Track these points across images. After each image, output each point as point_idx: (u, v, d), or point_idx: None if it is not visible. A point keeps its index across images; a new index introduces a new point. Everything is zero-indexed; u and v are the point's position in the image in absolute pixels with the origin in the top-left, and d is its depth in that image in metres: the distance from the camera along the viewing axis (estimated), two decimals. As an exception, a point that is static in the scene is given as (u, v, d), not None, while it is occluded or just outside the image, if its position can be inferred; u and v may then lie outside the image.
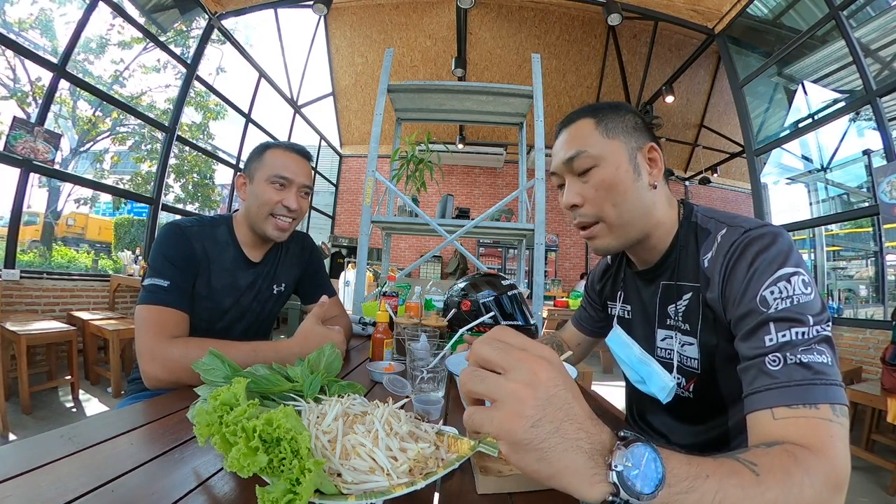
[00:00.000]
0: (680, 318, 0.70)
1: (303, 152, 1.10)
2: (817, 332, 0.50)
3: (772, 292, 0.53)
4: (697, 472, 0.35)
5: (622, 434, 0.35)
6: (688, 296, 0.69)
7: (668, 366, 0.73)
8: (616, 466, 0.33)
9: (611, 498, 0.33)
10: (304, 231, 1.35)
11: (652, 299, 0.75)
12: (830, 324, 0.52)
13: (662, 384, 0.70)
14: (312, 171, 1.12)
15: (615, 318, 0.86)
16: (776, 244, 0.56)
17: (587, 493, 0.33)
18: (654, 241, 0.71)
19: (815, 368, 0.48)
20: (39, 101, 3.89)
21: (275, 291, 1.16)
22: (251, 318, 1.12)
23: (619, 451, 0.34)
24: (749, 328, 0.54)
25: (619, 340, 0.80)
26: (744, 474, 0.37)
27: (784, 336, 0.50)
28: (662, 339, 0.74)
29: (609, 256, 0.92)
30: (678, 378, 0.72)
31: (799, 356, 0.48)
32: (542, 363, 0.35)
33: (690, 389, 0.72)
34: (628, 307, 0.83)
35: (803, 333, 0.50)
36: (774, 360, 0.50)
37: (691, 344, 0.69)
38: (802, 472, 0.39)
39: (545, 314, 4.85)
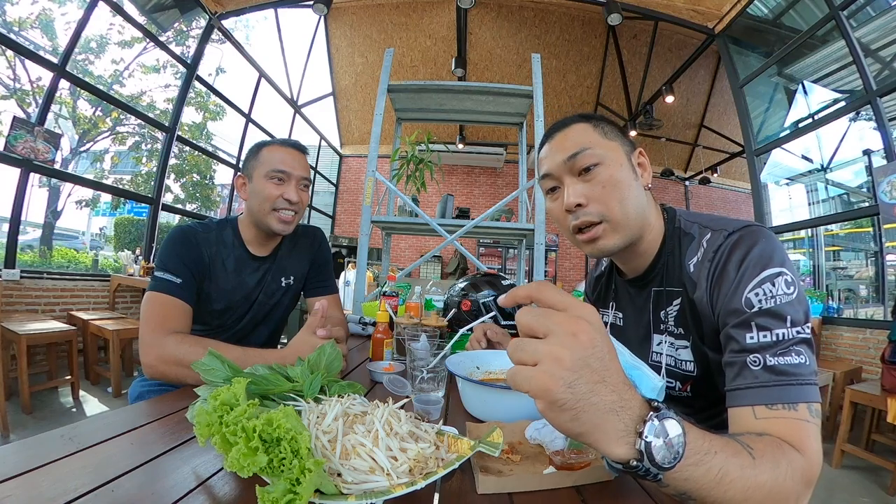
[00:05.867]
0: (672, 323, 0.71)
1: (298, 146, 1.11)
2: (796, 333, 0.53)
3: (756, 294, 0.56)
4: (709, 447, 0.39)
5: (655, 404, 0.37)
6: (677, 301, 0.70)
7: (658, 369, 0.74)
8: (647, 437, 0.35)
9: (634, 462, 0.35)
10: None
11: (645, 306, 0.76)
12: (809, 324, 0.55)
13: (652, 385, 0.69)
14: (309, 165, 1.14)
15: (608, 327, 0.85)
16: (759, 244, 0.59)
17: (613, 451, 0.36)
18: (645, 246, 0.72)
19: (791, 370, 0.51)
20: (39, 101, 3.89)
21: (283, 284, 1.18)
22: (259, 311, 1.15)
23: (651, 423, 0.35)
24: (732, 325, 0.57)
25: None
26: (744, 455, 0.41)
27: (765, 337, 0.54)
28: (658, 345, 0.75)
29: (603, 265, 0.93)
30: (671, 381, 0.73)
31: (777, 358, 0.52)
32: (582, 324, 0.35)
33: (688, 390, 0.73)
34: (620, 315, 0.84)
35: (782, 335, 0.53)
36: (755, 361, 0.53)
37: (686, 347, 0.70)
38: (787, 462, 0.44)
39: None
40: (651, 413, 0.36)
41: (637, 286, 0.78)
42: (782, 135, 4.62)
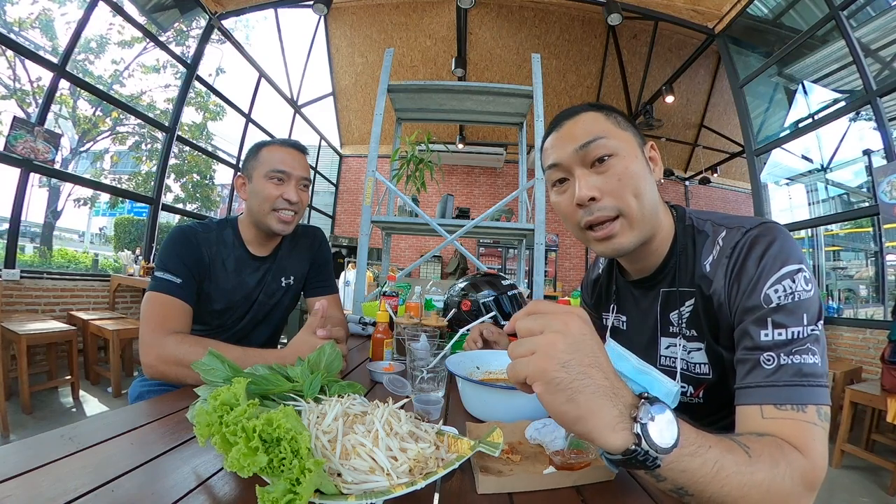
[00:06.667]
0: (684, 325, 0.68)
1: (298, 146, 1.11)
2: (811, 331, 0.53)
3: (776, 290, 0.55)
4: (703, 441, 0.40)
5: (646, 395, 0.39)
6: (690, 301, 0.67)
7: (670, 373, 0.70)
8: (641, 419, 0.37)
9: (632, 447, 0.37)
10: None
11: (652, 308, 0.72)
12: (822, 321, 0.55)
13: (666, 390, 0.67)
14: (309, 164, 1.14)
15: (608, 330, 0.82)
16: (778, 241, 0.58)
17: (609, 439, 0.37)
18: (656, 245, 0.68)
19: (804, 371, 0.51)
20: (39, 101, 3.89)
21: (283, 284, 1.18)
22: (259, 311, 1.15)
23: (644, 407, 0.38)
24: (749, 321, 0.56)
25: (613, 353, 0.75)
26: (739, 453, 0.42)
27: (780, 335, 0.53)
28: (667, 348, 0.72)
29: (599, 266, 0.89)
30: (684, 386, 0.70)
31: (792, 357, 0.52)
32: (572, 316, 0.40)
33: (700, 395, 0.70)
34: (623, 317, 0.80)
35: (798, 333, 0.52)
36: (769, 359, 0.52)
37: (699, 350, 0.67)
38: (786, 463, 0.43)
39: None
40: (643, 400, 0.39)
41: (643, 287, 0.74)
42: (782, 135, 4.62)
